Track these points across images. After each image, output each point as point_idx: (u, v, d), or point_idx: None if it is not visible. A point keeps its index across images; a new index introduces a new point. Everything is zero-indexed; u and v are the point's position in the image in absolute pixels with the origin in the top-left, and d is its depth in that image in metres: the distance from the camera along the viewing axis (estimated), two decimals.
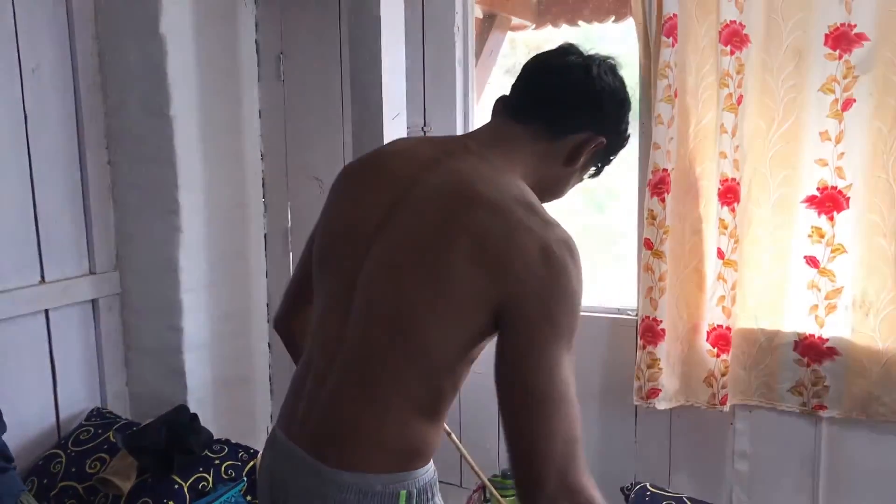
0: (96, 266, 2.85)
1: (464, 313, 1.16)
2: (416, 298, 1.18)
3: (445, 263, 1.16)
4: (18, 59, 2.60)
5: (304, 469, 1.24)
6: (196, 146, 2.84)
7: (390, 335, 1.20)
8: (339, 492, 1.19)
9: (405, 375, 1.20)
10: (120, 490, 2.34)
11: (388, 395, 1.20)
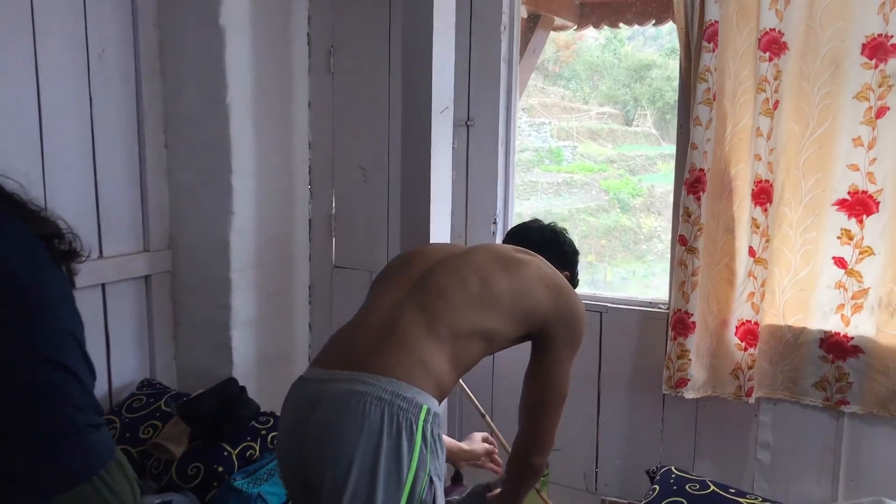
0: (150, 244, 3.00)
1: (521, 316, 1.77)
2: (503, 289, 1.75)
3: (524, 273, 1.80)
4: (87, 43, 2.74)
5: (343, 379, 1.56)
6: (249, 133, 2.97)
7: (467, 309, 1.70)
8: (376, 389, 1.52)
9: (463, 335, 1.68)
10: (172, 454, 2.48)
11: (444, 339, 1.65)
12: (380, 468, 1.46)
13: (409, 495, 1.49)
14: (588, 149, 4.86)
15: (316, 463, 1.52)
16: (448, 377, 1.66)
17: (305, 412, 1.57)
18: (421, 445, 1.51)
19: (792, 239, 2.44)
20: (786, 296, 2.46)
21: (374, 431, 1.48)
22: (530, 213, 5.18)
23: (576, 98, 4.78)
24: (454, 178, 2.98)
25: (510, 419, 2.86)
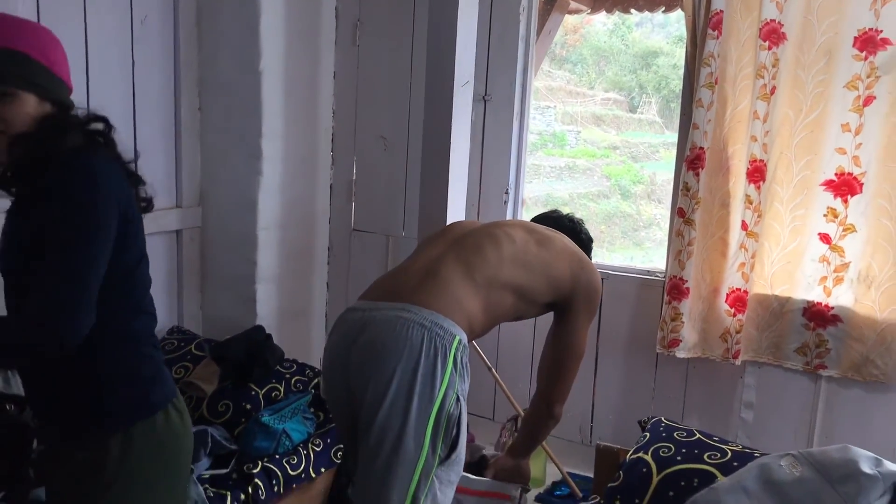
0: (183, 200, 3.20)
1: (546, 283, 2.03)
2: (535, 256, 2.01)
3: (552, 246, 2.06)
4: (131, 9, 2.93)
5: (390, 308, 1.79)
6: (279, 100, 3.16)
7: (502, 265, 1.95)
8: (419, 318, 1.75)
9: (497, 286, 1.93)
10: (204, 392, 2.69)
11: (479, 286, 1.89)
12: (417, 382, 1.69)
13: (439, 407, 1.71)
14: (591, 134, 4.96)
15: (361, 375, 1.74)
16: (478, 319, 1.90)
17: (354, 334, 1.79)
18: (451, 368, 1.74)
19: (782, 215, 2.64)
20: (774, 267, 2.67)
21: (414, 351, 1.71)
22: (531, 196, 5.30)
23: (581, 83, 4.87)
24: (471, 149, 3.17)
25: (512, 375, 3.10)
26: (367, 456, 1.74)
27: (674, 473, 2.23)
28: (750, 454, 2.24)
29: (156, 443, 1.60)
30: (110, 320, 1.54)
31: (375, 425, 1.70)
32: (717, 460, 2.23)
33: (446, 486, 1.80)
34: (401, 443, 1.69)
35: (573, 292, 2.07)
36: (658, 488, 2.22)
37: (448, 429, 1.75)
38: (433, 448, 1.73)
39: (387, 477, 1.70)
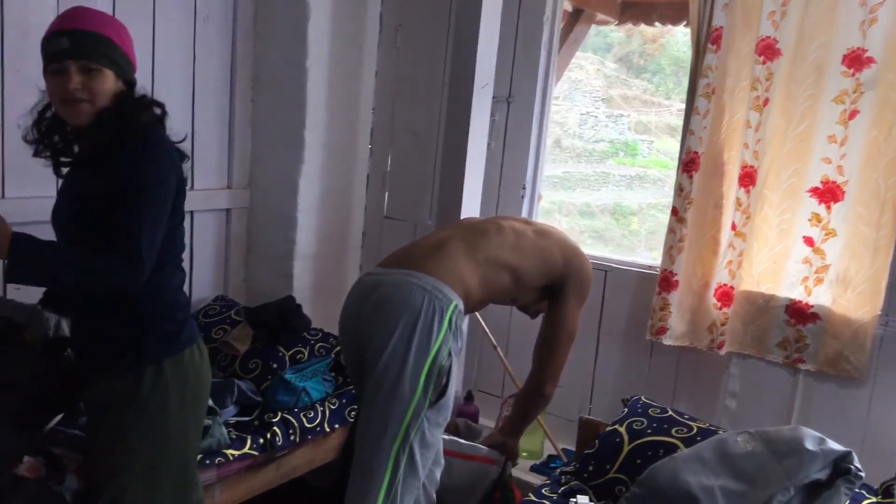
0: (233, 182, 3.56)
1: (540, 267, 2.30)
2: (531, 243, 2.31)
3: (548, 237, 2.37)
4: (195, 9, 3.30)
5: (398, 273, 2.10)
6: (322, 95, 3.49)
7: (503, 248, 2.25)
8: (422, 283, 2.05)
9: (496, 266, 2.22)
10: (237, 351, 3.03)
11: (479, 263, 2.19)
12: (415, 335, 2.00)
13: (433, 358, 2.02)
14: (665, 144, 5.04)
15: (369, 326, 2.06)
16: (475, 290, 2.20)
17: (367, 293, 2.12)
18: (446, 328, 2.04)
19: (770, 218, 2.83)
20: (761, 266, 2.87)
21: (415, 309, 2.02)
22: (599, 205, 5.38)
23: (658, 92, 4.96)
24: (493, 146, 3.45)
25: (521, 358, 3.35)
26: (368, 394, 2.06)
27: (643, 444, 2.48)
28: (714, 430, 2.47)
29: (183, 375, 1.94)
30: (157, 270, 1.88)
31: (378, 367, 2.02)
32: (682, 434, 2.46)
33: (434, 426, 2.10)
34: (398, 384, 2.00)
35: (566, 277, 2.34)
36: (627, 456, 2.47)
37: (439, 377, 2.05)
38: (425, 392, 2.03)
39: (384, 412, 2.01)
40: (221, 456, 2.51)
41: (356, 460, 2.08)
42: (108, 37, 1.82)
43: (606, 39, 4.81)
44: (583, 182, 5.31)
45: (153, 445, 1.91)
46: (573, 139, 5.23)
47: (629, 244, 5.00)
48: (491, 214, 3.44)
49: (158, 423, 1.91)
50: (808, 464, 2.16)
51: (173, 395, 1.92)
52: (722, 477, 2.23)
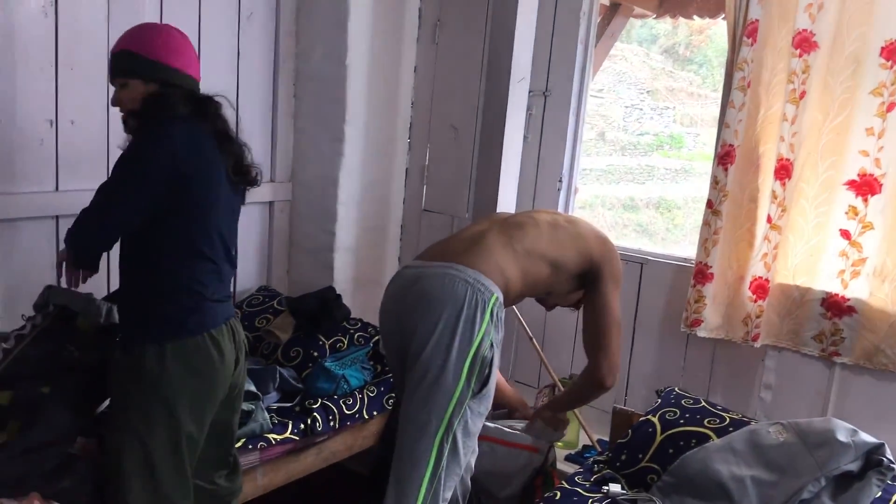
0: (276, 176, 3.65)
1: (577, 255, 2.34)
2: (567, 233, 2.35)
3: (580, 226, 2.42)
4: (239, 7, 3.39)
5: (440, 266, 2.14)
6: (363, 91, 3.56)
7: (539, 240, 2.29)
8: (464, 275, 2.11)
9: (534, 257, 2.27)
10: (280, 339, 3.13)
11: (518, 255, 2.24)
12: (459, 327, 2.06)
13: (476, 350, 2.08)
14: (711, 137, 5.04)
15: (412, 318, 2.12)
16: (515, 283, 2.25)
17: (408, 285, 2.18)
18: (488, 319, 2.10)
19: (807, 211, 2.83)
20: (797, 259, 2.86)
21: (458, 301, 2.08)
22: (644, 198, 5.35)
23: (704, 85, 4.90)
24: (530, 140, 3.49)
25: (556, 349, 3.40)
26: (412, 383, 2.12)
27: (675, 434, 2.51)
28: (746, 421, 2.49)
29: (186, 362, 2.03)
30: (166, 255, 2.04)
31: (422, 358, 2.08)
32: (715, 425, 2.49)
33: (476, 416, 2.16)
34: (442, 374, 2.06)
35: (601, 263, 2.37)
36: (660, 446, 2.51)
37: (482, 368, 2.11)
38: (468, 382, 2.09)
39: (429, 401, 2.07)
40: (263, 440, 2.61)
41: (399, 447, 2.14)
42: (131, 51, 2.06)
43: (652, 31, 4.77)
44: (627, 175, 5.29)
45: (145, 423, 2.02)
46: (617, 132, 5.20)
47: (673, 238, 4.97)
48: (527, 207, 3.49)
49: (150, 402, 2.02)
50: (839, 455, 2.18)
51: (172, 379, 2.02)
52: (753, 467, 2.26)
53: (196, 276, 2.07)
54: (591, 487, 2.46)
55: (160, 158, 1.98)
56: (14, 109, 2.71)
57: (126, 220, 2.00)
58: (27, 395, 2.10)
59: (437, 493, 2.09)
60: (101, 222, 2.02)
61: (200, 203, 2.06)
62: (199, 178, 2.03)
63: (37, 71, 2.75)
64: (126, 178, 2.00)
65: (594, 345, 2.42)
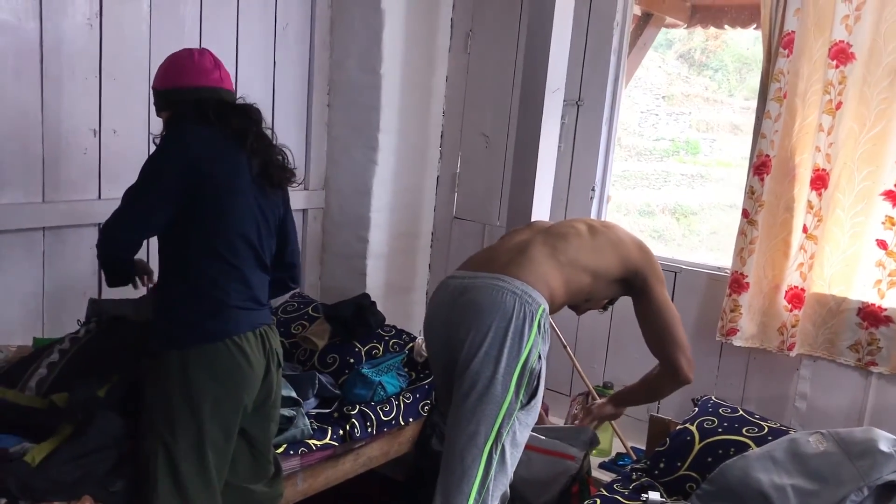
0: (310, 183, 3.70)
1: (618, 261, 2.33)
2: (606, 239, 2.34)
3: (617, 232, 2.41)
4: (275, 18, 3.45)
5: (487, 277, 2.15)
6: (396, 99, 3.61)
7: (582, 250, 2.29)
8: (512, 287, 2.10)
9: (577, 268, 2.26)
10: (316, 346, 3.16)
11: (562, 265, 2.24)
12: (507, 338, 2.06)
13: (524, 361, 2.08)
14: (727, 143, 4.96)
15: (462, 327, 2.12)
16: (559, 293, 2.25)
17: (455, 296, 2.18)
18: (536, 331, 2.10)
19: (843, 221, 2.84)
20: (833, 269, 2.88)
21: (507, 313, 2.08)
22: (660, 204, 5.34)
23: (720, 90, 4.89)
24: (563, 149, 3.52)
25: (588, 356, 3.42)
26: (461, 394, 2.11)
27: (714, 442, 2.53)
28: (785, 430, 2.51)
29: (208, 367, 2.06)
30: (188, 260, 2.09)
31: (471, 369, 2.08)
32: (753, 434, 2.51)
33: (524, 427, 2.17)
34: (491, 385, 2.06)
35: (644, 268, 2.36)
36: (698, 454, 2.52)
37: (530, 380, 2.11)
38: (517, 394, 2.09)
39: (477, 412, 2.07)
40: (304, 446, 2.65)
41: (447, 457, 2.14)
42: (154, 87, 2.24)
43: (667, 36, 4.78)
44: (643, 181, 5.27)
45: (169, 428, 2.06)
46: (633, 137, 5.20)
47: (690, 244, 4.96)
48: (560, 215, 3.51)
49: (173, 407, 2.06)
50: (882, 465, 2.18)
51: (194, 384, 2.05)
52: (794, 476, 2.27)
53: (216, 281, 2.09)
54: (630, 495, 2.48)
55: (172, 157, 2.07)
56: (60, 119, 2.77)
57: (146, 220, 2.07)
58: (83, 399, 2.14)
59: (486, 503, 2.11)
60: (122, 225, 2.08)
61: (219, 205, 2.09)
62: (215, 179, 2.07)
63: (81, 81, 2.81)
64: (142, 181, 2.08)
65: (665, 343, 2.37)
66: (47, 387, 2.22)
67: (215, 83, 2.19)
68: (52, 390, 2.21)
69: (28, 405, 2.19)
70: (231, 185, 2.11)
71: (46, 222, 2.78)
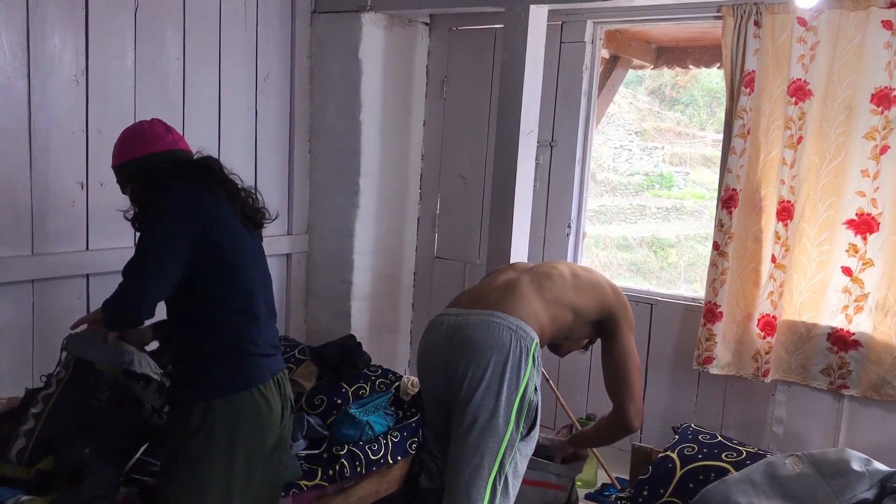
0: (293, 229, 3.78)
1: (596, 302, 2.42)
2: (586, 281, 2.45)
3: (595, 276, 2.51)
4: (256, 68, 3.55)
5: (480, 314, 2.22)
6: (375, 144, 3.71)
7: (566, 289, 2.38)
8: (507, 322, 2.18)
9: (562, 305, 2.35)
10: (304, 388, 3.21)
11: (549, 302, 2.32)
12: (507, 372, 2.14)
13: (522, 394, 2.15)
14: (701, 175, 5.10)
15: (462, 363, 2.17)
16: (548, 328, 2.33)
17: (452, 332, 2.24)
18: (531, 363, 2.18)
19: (809, 250, 2.96)
20: (802, 297, 2.99)
21: (505, 347, 2.16)
22: (636, 237, 5.43)
23: (692, 124, 5.05)
24: (538, 188, 3.63)
25: (571, 389, 3.48)
26: (462, 428, 2.17)
27: (694, 469, 2.60)
28: (762, 454, 2.58)
29: (234, 415, 2.09)
30: (211, 314, 2.12)
31: (473, 403, 2.14)
32: (732, 458, 2.58)
33: (524, 457, 2.24)
34: (493, 418, 2.13)
35: (617, 310, 2.48)
36: (680, 481, 2.59)
37: (529, 411, 2.19)
38: (517, 425, 2.16)
39: (480, 445, 2.13)
40: (295, 487, 2.68)
41: (451, 491, 2.19)
42: (113, 165, 2.26)
43: (638, 73, 4.96)
44: (619, 215, 5.37)
45: (195, 479, 2.07)
46: (608, 172, 5.30)
47: (668, 276, 5.05)
48: (538, 252, 3.62)
49: (201, 456, 2.07)
50: (855, 484, 2.26)
51: (220, 433, 2.07)
52: (772, 498, 2.34)
53: (240, 331, 2.13)
54: None
55: (177, 216, 2.08)
56: (48, 173, 2.84)
57: (168, 281, 2.07)
58: (70, 459, 2.16)
59: None
60: (145, 288, 2.06)
61: (232, 255, 2.13)
62: (220, 229, 2.11)
63: (69, 136, 2.89)
64: (156, 240, 2.08)
65: (618, 390, 2.49)
66: (28, 456, 2.21)
67: (171, 146, 2.24)
68: (34, 458, 2.21)
69: (14, 476, 2.19)
70: (234, 232, 2.15)
71: (35, 274, 2.83)
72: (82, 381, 2.34)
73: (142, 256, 2.09)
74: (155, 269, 2.06)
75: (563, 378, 3.60)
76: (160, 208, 2.10)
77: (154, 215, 2.10)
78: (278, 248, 3.72)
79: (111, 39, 2.97)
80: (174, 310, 2.19)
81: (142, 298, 2.07)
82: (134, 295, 2.08)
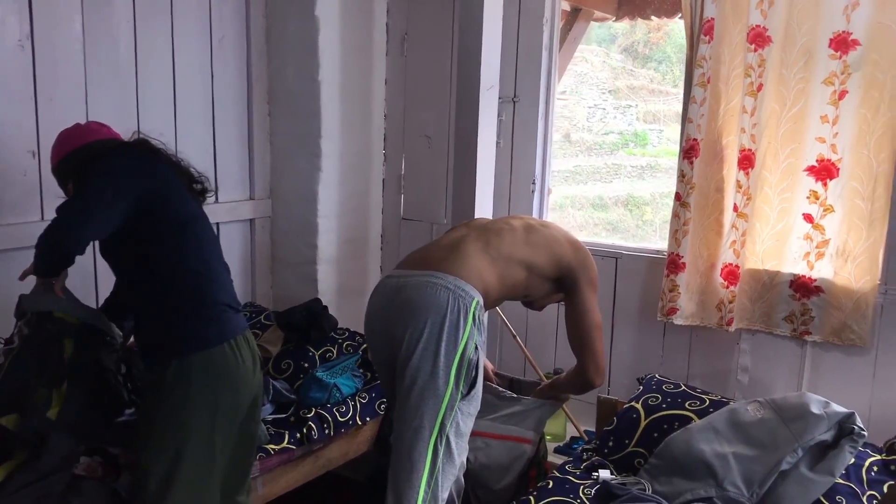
0: (255, 193, 3.73)
1: (552, 258, 2.42)
2: (542, 236, 2.43)
3: (553, 230, 2.51)
4: (210, 31, 3.47)
5: (421, 275, 2.22)
6: (336, 105, 3.65)
7: (516, 245, 2.38)
8: (445, 282, 2.17)
9: (511, 262, 2.35)
10: (270, 353, 3.19)
11: (495, 260, 2.32)
12: (444, 332, 2.15)
13: (461, 353, 2.17)
14: (674, 133, 5.07)
15: (399, 325, 2.19)
16: (493, 287, 2.33)
17: (392, 295, 2.26)
18: (471, 323, 2.19)
19: (771, 198, 2.96)
20: (764, 245, 2.99)
21: (441, 308, 2.16)
22: (612, 196, 5.44)
23: (665, 81, 5.02)
24: (502, 145, 3.60)
25: (540, 345, 3.50)
26: (403, 391, 2.20)
27: (658, 418, 2.63)
28: (725, 402, 2.61)
29: (209, 370, 2.10)
30: (169, 275, 2.12)
31: (411, 365, 2.16)
32: (695, 407, 2.61)
33: (466, 416, 2.25)
34: (432, 379, 2.15)
35: (576, 267, 2.46)
36: (644, 430, 2.62)
37: (468, 370, 2.20)
38: (457, 385, 2.18)
39: (420, 406, 2.16)
40: (262, 451, 2.67)
41: (396, 453, 2.22)
42: (53, 166, 2.28)
43: (610, 31, 4.89)
44: (594, 175, 5.38)
45: (174, 436, 2.08)
46: (582, 132, 5.30)
47: (643, 234, 5.07)
48: (504, 210, 3.59)
49: (180, 413, 2.08)
50: (814, 426, 2.29)
51: (197, 389, 2.08)
52: (735, 444, 2.37)
53: (201, 289, 2.14)
54: (581, 475, 2.56)
55: (124, 160, 2.11)
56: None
57: (109, 221, 2.03)
58: (34, 425, 2.13)
59: (436, 494, 2.18)
60: (84, 225, 2.01)
61: (187, 212, 2.15)
62: (166, 185, 2.13)
63: (17, 103, 2.81)
64: (99, 178, 2.06)
65: (579, 348, 2.51)
66: None
67: (106, 136, 2.24)
68: None
69: None
70: (181, 194, 2.18)
71: None
72: (44, 330, 2.27)
73: (82, 191, 2.06)
74: (95, 203, 2.03)
75: (531, 334, 3.60)
76: (106, 160, 2.10)
77: (100, 163, 2.09)
78: (241, 214, 3.68)
79: (57, 1, 2.88)
80: (130, 275, 2.19)
81: (80, 231, 2.01)
82: (71, 226, 2.02)
